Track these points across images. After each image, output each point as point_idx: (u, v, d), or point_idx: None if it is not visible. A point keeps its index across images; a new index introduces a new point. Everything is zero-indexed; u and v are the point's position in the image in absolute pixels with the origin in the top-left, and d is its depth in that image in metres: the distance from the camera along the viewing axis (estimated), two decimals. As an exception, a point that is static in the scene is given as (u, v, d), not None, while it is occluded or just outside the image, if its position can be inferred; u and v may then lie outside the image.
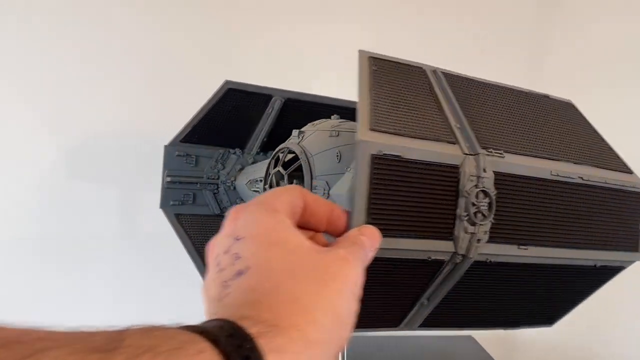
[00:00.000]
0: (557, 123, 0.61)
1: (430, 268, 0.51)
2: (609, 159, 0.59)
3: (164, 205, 0.95)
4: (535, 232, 0.53)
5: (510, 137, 0.55)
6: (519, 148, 0.54)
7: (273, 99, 0.95)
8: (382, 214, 0.47)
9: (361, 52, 0.56)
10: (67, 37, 1.19)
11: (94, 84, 1.21)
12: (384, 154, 0.47)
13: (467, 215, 0.49)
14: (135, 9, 1.22)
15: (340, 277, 0.36)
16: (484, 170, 0.49)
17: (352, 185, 0.48)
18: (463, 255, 0.50)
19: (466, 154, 0.50)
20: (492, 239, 0.51)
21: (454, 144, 0.50)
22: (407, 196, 0.48)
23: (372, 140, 0.47)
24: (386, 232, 0.46)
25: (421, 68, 0.58)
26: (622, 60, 1.20)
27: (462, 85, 0.59)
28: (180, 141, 0.95)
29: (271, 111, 0.96)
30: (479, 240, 0.49)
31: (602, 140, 0.62)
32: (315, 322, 0.32)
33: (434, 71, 0.59)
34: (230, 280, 0.34)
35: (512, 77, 1.27)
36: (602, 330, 0.90)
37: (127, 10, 1.22)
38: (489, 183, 0.49)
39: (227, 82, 0.90)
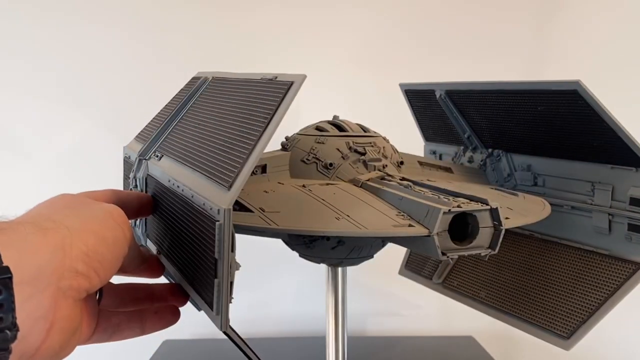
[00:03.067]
0: (225, 122, 0.49)
1: None
2: (217, 164, 0.44)
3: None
4: (162, 241, 0.54)
5: (189, 140, 0.54)
6: (181, 153, 0.53)
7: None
8: None
9: (198, 73, 0.71)
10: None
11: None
12: (126, 156, 0.69)
13: None
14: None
15: (95, 204, 0.42)
16: (139, 172, 0.59)
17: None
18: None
19: (137, 157, 0.60)
20: (147, 234, 0.59)
21: (143, 145, 0.62)
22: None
23: (125, 146, 0.71)
24: None
25: (199, 78, 0.65)
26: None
27: (217, 88, 0.60)
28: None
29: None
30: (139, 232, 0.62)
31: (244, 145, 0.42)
32: (55, 220, 0.36)
33: (206, 78, 0.63)
34: None
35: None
36: (604, 330, 0.67)
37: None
38: (140, 184, 0.58)
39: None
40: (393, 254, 0.87)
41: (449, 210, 0.48)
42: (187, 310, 0.69)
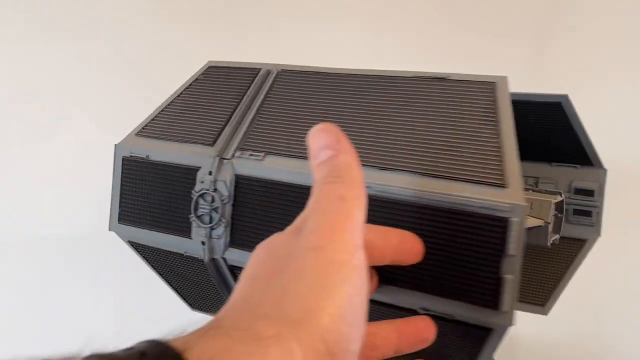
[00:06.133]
0: (390, 116, 0.47)
1: (187, 261, 0.55)
2: (467, 166, 0.41)
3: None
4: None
5: (299, 136, 0.49)
6: (299, 150, 0.48)
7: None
8: (132, 208, 0.55)
9: (209, 62, 0.61)
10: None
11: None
12: (132, 155, 0.55)
13: (199, 215, 0.51)
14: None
15: (317, 259, 0.29)
16: (221, 173, 0.51)
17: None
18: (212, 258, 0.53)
19: (216, 156, 0.51)
20: (233, 243, 0.51)
21: (211, 145, 0.52)
22: (154, 193, 0.54)
23: (123, 144, 0.56)
24: (138, 224, 0.55)
25: (256, 69, 0.58)
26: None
27: (294, 82, 0.54)
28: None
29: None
30: (217, 242, 0.52)
31: (472, 138, 0.42)
32: (271, 317, 0.27)
33: (269, 71, 0.57)
34: None
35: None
36: (603, 330, 0.87)
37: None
38: (222, 186, 0.50)
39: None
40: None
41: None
42: (187, 310, 0.65)
